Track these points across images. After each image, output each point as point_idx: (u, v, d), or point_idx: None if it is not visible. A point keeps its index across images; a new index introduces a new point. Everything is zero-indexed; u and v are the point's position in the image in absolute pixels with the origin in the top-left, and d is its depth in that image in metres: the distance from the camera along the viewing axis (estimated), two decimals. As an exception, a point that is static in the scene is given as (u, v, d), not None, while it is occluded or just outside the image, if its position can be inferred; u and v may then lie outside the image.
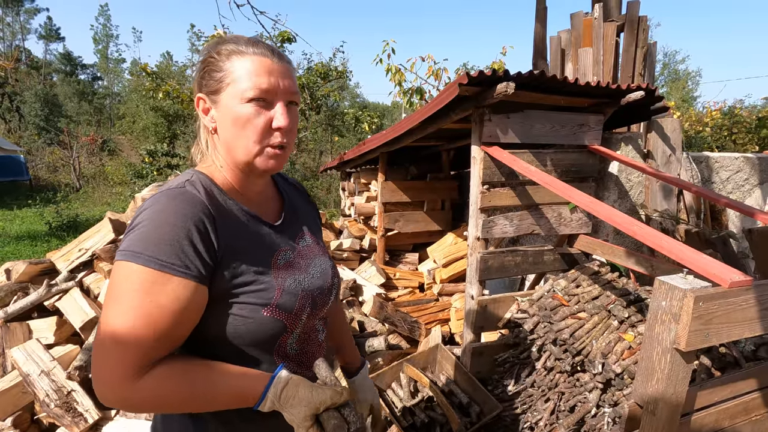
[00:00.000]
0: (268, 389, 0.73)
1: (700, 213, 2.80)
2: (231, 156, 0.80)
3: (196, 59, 0.90)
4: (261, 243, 0.82)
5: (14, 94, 21.97)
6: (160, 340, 0.68)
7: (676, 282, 1.04)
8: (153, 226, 0.68)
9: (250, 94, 0.75)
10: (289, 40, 7.43)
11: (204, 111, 0.81)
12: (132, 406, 0.68)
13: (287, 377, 0.74)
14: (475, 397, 2.14)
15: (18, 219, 9.79)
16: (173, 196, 0.72)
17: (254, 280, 0.77)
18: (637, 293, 1.95)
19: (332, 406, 0.73)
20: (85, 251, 2.77)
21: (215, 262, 0.73)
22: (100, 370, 0.66)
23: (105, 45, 36.87)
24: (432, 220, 4.39)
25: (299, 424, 0.71)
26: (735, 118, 7.36)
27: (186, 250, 0.68)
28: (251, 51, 0.77)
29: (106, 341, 0.66)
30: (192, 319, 0.71)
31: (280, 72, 0.78)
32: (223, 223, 0.76)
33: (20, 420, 2.10)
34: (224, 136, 0.79)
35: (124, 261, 0.67)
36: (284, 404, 0.72)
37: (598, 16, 3.22)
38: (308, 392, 0.72)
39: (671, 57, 26.18)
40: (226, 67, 0.77)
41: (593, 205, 1.57)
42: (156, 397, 0.68)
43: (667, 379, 1.07)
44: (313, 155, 15.08)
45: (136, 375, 0.66)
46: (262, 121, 0.76)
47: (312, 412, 0.71)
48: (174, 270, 0.67)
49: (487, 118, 2.13)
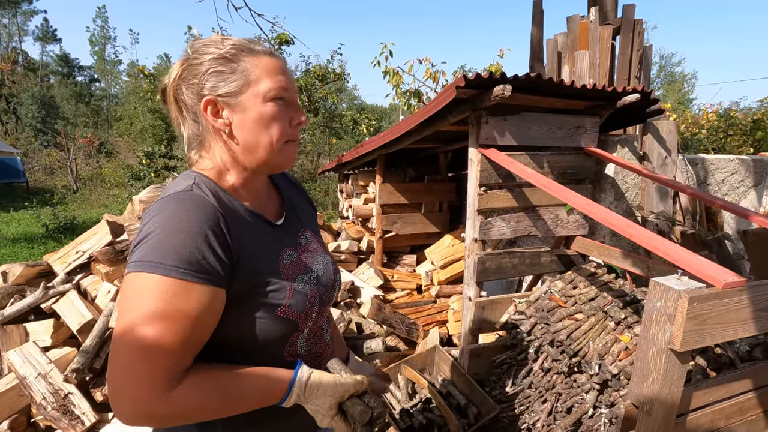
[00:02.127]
0: (293, 383, 0.75)
1: (695, 215, 2.82)
2: (248, 156, 0.80)
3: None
4: (268, 243, 0.82)
5: (11, 96, 21.90)
6: (187, 350, 0.67)
7: (671, 283, 1.05)
8: (167, 234, 0.66)
9: (274, 93, 0.77)
10: (287, 42, 7.44)
11: (213, 114, 0.77)
12: (162, 421, 0.65)
13: (309, 371, 0.77)
14: (473, 398, 2.14)
15: (15, 221, 9.75)
16: (182, 200, 0.71)
17: (268, 281, 0.77)
18: (633, 294, 1.96)
19: (355, 394, 0.77)
20: (82, 253, 2.77)
21: (233, 265, 0.72)
22: (125, 384, 0.63)
23: (102, 47, 36.80)
24: (430, 222, 4.40)
25: (325, 414, 0.74)
26: (730, 120, 7.41)
27: (206, 256, 0.67)
28: (261, 50, 0.78)
29: (131, 354, 0.63)
30: (213, 323, 0.71)
31: (288, 72, 0.82)
32: (234, 225, 0.75)
33: (17, 423, 2.09)
34: (244, 137, 0.78)
35: (142, 272, 0.65)
36: (309, 396, 0.75)
37: (594, 20, 3.24)
38: (332, 382, 0.76)
39: (667, 59, 26.35)
40: (241, 67, 0.76)
41: (590, 207, 1.58)
42: (187, 409, 0.66)
43: (663, 380, 1.07)
44: (310, 157, 15.08)
45: (166, 388, 0.63)
46: (286, 118, 0.80)
47: (337, 401, 0.75)
48: (196, 277, 0.66)
49: (484, 120, 2.14)
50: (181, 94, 0.79)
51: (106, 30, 36.95)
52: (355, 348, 2.75)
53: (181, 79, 0.78)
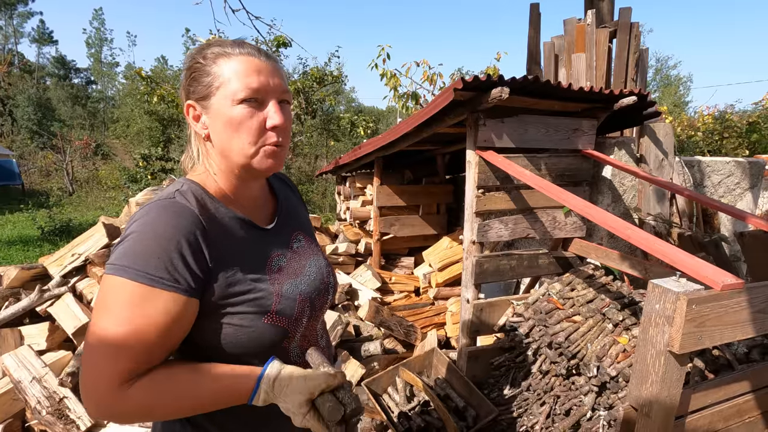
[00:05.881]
0: (261, 381, 0.72)
1: (692, 217, 2.83)
2: (227, 161, 0.79)
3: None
4: (255, 250, 0.82)
5: (7, 98, 21.80)
6: (149, 353, 0.67)
7: (670, 285, 1.05)
8: (141, 239, 0.68)
9: (241, 95, 0.74)
10: (284, 44, 7.44)
11: (195, 118, 0.79)
12: (119, 417, 0.67)
13: (279, 367, 0.74)
14: (471, 401, 2.14)
15: (10, 224, 9.68)
16: (163, 207, 0.71)
17: (251, 289, 0.76)
18: (631, 296, 1.96)
19: (327, 390, 0.72)
20: (78, 256, 2.75)
21: (206, 274, 0.72)
22: (87, 382, 0.66)
23: (98, 49, 36.75)
24: (427, 224, 4.40)
25: (296, 412, 0.71)
26: (726, 122, 7.46)
27: (175, 264, 0.68)
28: (237, 52, 0.76)
29: (94, 353, 0.65)
30: (182, 331, 0.71)
31: (268, 70, 0.77)
32: (216, 234, 0.75)
33: (11, 428, 2.07)
34: (218, 141, 0.78)
35: (113, 275, 0.66)
36: (278, 394, 0.71)
37: (590, 22, 3.26)
38: (302, 379, 0.72)
39: (663, 62, 26.51)
40: (214, 71, 0.75)
41: (587, 209, 1.58)
42: (143, 407, 0.67)
43: (661, 382, 1.07)
44: (308, 160, 15.07)
45: (122, 385, 0.65)
46: (256, 122, 0.75)
47: (307, 398, 0.71)
48: (163, 284, 0.66)
49: (481, 122, 2.15)
50: (181, 99, 0.82)
51: (102, 32, 36.92)
52: (353, 351, 2.74)
53: (181, 86, 0.81)
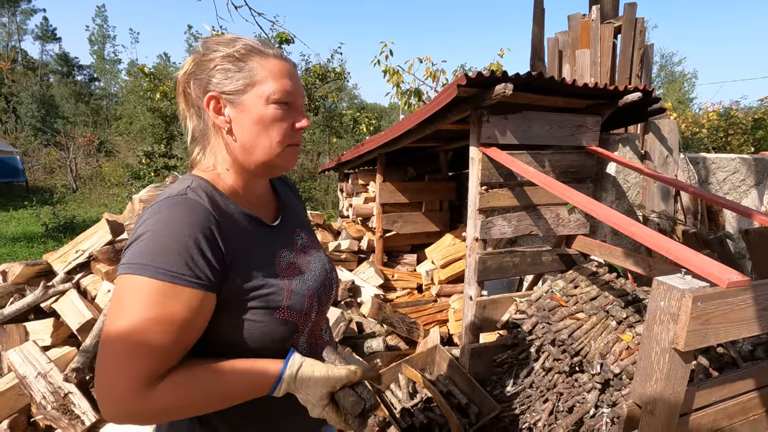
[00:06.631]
0: (284, 372, 0.73)
1: (697, 214, 2.81)
2: (245, 156, 0.80)
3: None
4: (264, 246, 0.82)
5: (10, 95, 21.85)
6: (169, 351, 0.67)
7: (675, 282, 1.05)
8: (157, 237, 0.67)
9: (277, 96, 0.77)
10: (287, 41, 7.42)
11: (216, 110, 0.78)
12: (140, 419, 0.66)
13: (301, 359, 0.76)
14: (474, 397, 2.14)
15: (14, 220, 9.73)
16: (175, 203, 0.71)
17: (264, 284, 0.77)
18: (635, 294, 1.95)
19: (347, 384, 0.75)
20: (82, 252, 2.76)
21: (224, 269, 0.72)
22: (105, 384, 0.64)
23: (101, 46, 36.76)
24: (430, 221, 4.39)
25: (315, 403, 0.73)
26: (731, 119, 7.40)
27: (196, 259, 0.67)
28: (271, 53, 0.79)
29: (113, 354, 0.64)
30: (201, 327, 0.71)
31: (296, 76, 0.81)
32: (228, 229, 0.75)
33: (16, 423, 2.09)
34: (243, 136, 0.78)
35: (131, 274, 0.65)
36: (300, 385, 0.73)
37: (595, 18, 3.23)
38: (324, 371, 0.74)
39: (668, 59, 26.34)
40: (248, 67, 0.76)
41: (591, 206, 1.57)
42: (165, 408, 0.66)
43: (666, 379, 1.07)
44: (311, 156, 15.05)
45: (146, 387, 0.64)
46: (286, 122, 0.79)
47: (328, 391, 0.73)
48: (184, 280, 0.66)
49: (485, 119, 2.14)
50: (189, 88, 0.80)
51: (105, 29, 36.93)
52: (356, 347, 2.75)
53: (190, 74, 0.79)
